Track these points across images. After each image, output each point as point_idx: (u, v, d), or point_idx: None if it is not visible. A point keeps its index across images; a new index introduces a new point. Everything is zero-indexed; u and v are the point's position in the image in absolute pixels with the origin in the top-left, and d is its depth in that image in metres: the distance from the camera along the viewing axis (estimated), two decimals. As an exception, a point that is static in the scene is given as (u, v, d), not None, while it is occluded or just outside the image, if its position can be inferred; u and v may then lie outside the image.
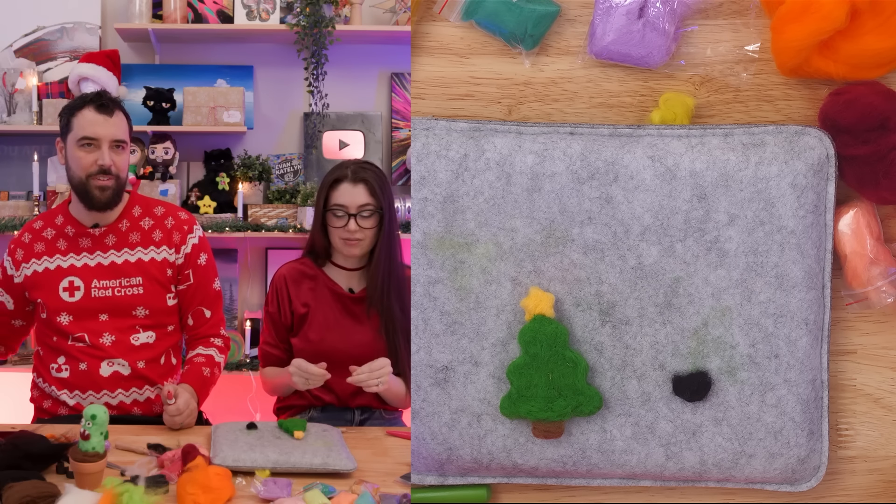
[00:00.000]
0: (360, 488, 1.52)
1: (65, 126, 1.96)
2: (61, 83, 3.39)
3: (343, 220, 1.98)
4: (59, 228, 2.00)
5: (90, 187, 1.92)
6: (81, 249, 1.99)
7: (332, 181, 2.01)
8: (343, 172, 2.00)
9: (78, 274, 1.98)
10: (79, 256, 1.99)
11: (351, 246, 2.01)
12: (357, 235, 1.99)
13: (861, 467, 1.22)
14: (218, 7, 3.40)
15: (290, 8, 3.34)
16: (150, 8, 3.35)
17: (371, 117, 3.54)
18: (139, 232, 2.02)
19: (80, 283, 1.97)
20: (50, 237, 2.00)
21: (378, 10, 3.49)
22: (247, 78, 3.49)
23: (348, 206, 1.98)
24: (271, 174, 3.42)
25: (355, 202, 1.98)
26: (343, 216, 1.98)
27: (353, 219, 1.98)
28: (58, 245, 2.00)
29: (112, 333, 1.97)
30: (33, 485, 1.39)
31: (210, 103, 3.32)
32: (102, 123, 1.93)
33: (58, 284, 1.96)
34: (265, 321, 2.14)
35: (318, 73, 3.33)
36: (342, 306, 2.08)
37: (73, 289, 1.97)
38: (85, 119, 1.93)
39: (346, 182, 1.99)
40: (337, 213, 1.99)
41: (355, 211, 1.98)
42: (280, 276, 2.11)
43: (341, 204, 1.98)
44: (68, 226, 1.99)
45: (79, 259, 1.98)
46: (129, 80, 3.45)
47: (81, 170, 1.92)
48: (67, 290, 1.97)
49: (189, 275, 2.06)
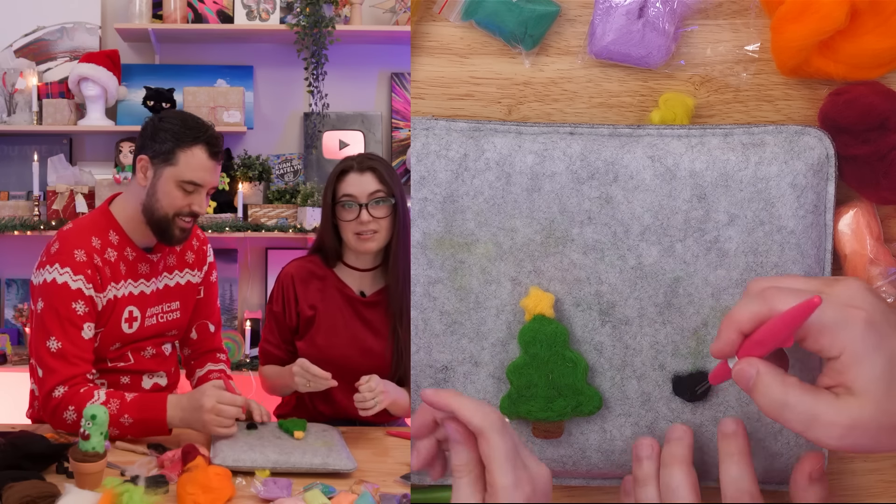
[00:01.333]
0: (360, 488, 1.53)
1: (165, 152, 1.78)
2: (61, 83, 3.40)
3: (354, 212, 1.88)
4: (118, 249, 1.83)
5: (173, 226, 1.80)
6: (139, 276, 1.86)
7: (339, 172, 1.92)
8: (349, 163, 1.93)
9: (136, 303, 1.85)
10: (136, 283, 1.85)
11: (365, 241, 1.90)
12: (371, 227, 1.89)
13: (861, 467, 1.22)
14: (218, 7, 3.40)
15: (290, 8, 3.34)
16: (150, 8, 3.35)
17: (371, 117, 3.54)
18: (175, 255, 1.96)
19: (138, 314, 1.86)
20: (113, 260, 1.82)
21: (378, 10, 3.50)
22: (247, 78, 3.49)
23: (358, 195, 1.88)
24: (271, 174, 3.43)
25: (365, 190, 1.88)
26: (354, 207, 1.88)
27: (365, 208, 1.89)
28: (120, 270, 1.83)
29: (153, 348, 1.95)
30: (33, 485, 1.40)
31: (210, 103, 3.32)
32: (212, 171, 1.80)
33: (121, 315, 1.83)
34: (268, 320, 2.09)
35: (318, 73, 3.33)
36: (353, 310, 2.00)
37: (132, 319, 1.86)
38: (196, 160, 1.78)
39: (353, 172, 1.90)
40: (347, 204, 1.89)
41: (366, 200, 1.88)
42: (287, 275, 2.03)
43: (350, 194, 1.89)
44: (127, 248, 1.84)
45: (136, 286, 1.85)
46: (129, 80, 3.45)
47: (172, 208, 1.79)
48: (128, 322, 1.85)
49: (201, 290, 2.05)
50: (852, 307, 0.94)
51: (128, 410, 1.68)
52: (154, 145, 1.79)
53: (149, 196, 1.80)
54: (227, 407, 1.68)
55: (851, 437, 0.92)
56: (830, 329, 0.94)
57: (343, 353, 1.98)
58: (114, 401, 1.68)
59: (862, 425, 0.92)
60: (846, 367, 0.93)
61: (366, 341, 1.99)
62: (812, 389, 0.95)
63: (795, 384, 0.96)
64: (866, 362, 0.92)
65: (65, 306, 1.72)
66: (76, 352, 1.72)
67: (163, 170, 1.78)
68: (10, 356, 3.28)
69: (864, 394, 0.92)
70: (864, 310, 0.93)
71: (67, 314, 1.72)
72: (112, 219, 1.85)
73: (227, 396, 1.70)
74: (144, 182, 1.81)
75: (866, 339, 0.92)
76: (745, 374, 0.97)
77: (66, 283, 1.73)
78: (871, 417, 0.92)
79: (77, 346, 1.73)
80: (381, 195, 1.89)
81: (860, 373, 0.92)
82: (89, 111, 3.31)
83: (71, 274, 1.74)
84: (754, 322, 0.97)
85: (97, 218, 1.87)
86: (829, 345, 0.94)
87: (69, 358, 1.71)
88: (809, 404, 0.94)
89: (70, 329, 1.72)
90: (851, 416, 0.92)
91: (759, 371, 0.96)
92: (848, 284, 0.97)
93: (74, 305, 1.73)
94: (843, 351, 0.93)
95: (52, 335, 1.71)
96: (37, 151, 3.34)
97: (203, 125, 1.81)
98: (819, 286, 0.98)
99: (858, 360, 0.93)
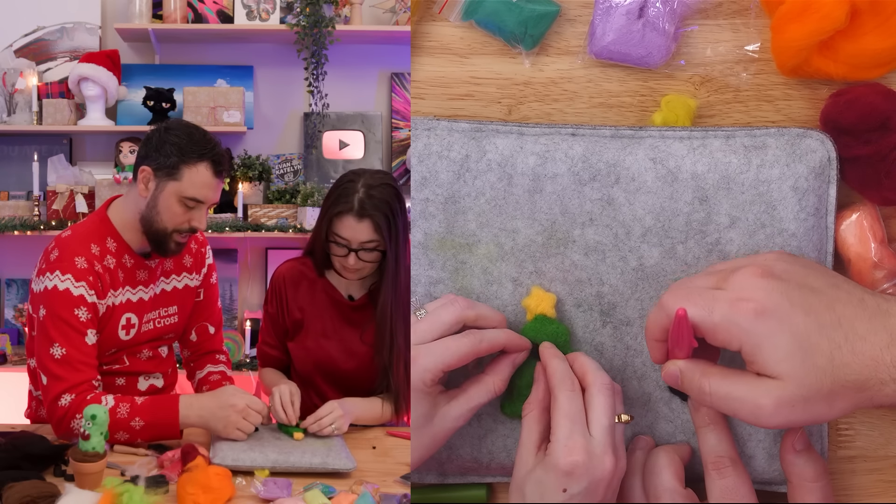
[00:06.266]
0: (360, 488, 1.52)
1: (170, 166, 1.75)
2: (61, 83, 3.40)
3: (343, 251, 1.84)
4: (116, 256, 1.81)
5: (170, 240, 1.78)
6: (138, 283, 1.84)
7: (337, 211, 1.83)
8: (349, 205, 1.82)
9: (134, 310, 1.84)
10: (135, 290, 1.83)
11: (350, 273, 1.88)
12: (356, 267, 1.87)
13: (861, 467, 1.22)
14: (218, 7, 3.40)
15: (290, 8, 3.34)
16: (150, 8, 3.35)
17: (371, 117, 3.54)
18: (173, 259, 1.93)
19: (135, 321, 1.84)
20: (112, 267, 1.80)
21: (378, 10, 3.49)
22: (247, 78, 3.49)
23: (350, 240, 1.83)
24: (271, 174, 3.42)
25: (357, 238, 1.82)
26: (343, 248, 1.84)
27: (354, 254, 1.84)
28: (119, 277, 1.81)
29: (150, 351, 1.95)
30: (33, 485, 1.39)
31: (210, 103, 3.32)
32: (215, 188, 1.78)
33: (118, 322, 1.81)
34: (265, 320, 2.09)
35: (318, 73, 3.33)
36: (340, 313, 2.00)
37: (129, 326, 1.84)
38: (200, 177, 1.75)
39: (350, 216, 1.82)
40: (339, 242, 1.85)
41: (357, 247, 1.83)
42: (279, 276, 2.04)
43: (344, 237, 1.83)
44: (125, 255, 1.82)
45: (135, 293, 1.83)
46: (129, 80, 3.45)
47: (172, 223, 1.77)
48: (125, 328, 1.83)
49: (200, 293, 2.04)
50: (742, 300, 0.98)
51: (139, 413, 1.66)
52: (158, 157, 1.76)
53: (149, 208, 1.78)
54: (255, 412, 1.69)
55: (781, 415, 0.96)
56: (722, 326, 0.98)
57: (331, 355, 1.97)
58: (123, 405, 1.67)
59: (788, 402, 0.96)
60: (752, 357, 0.97)
61: (352, 344, 1.98)
62: (732, 375, 1.00)
63: (716, 373, 1.01)
64: (767, 348, 0.96)
65: (67, 312, 1.71)
66: (81, 357, 1.71)
67: (165, 184, 1.76)
68: (10, 356, 3.28)
69: (780, 375, 0.96)
70: (753, 300, 0.97)
71: (70, 320, 1.71)
72: (110, 225, 1.83)
73: (256, 402, 1.71)
74: (145, 193, 1.78)
75: (759, 328, 0.96)
76: (671, 375, 1.05)
77: (67, 289, 1.71)
78: (794, 394, 0.95)
79: (81, 352, 1.72)
80: (373, 244, 1.85)
81: (766, 358, 0.96)
82: (89, 111, 3.31)
83: (73, 280, 1.72)
84: (659, 328, 1.04)
85: (95, 224, 1.84)
86: (727, 340, 0.99)
87: (74, 364, 1.70)
88: (727, 390, 0.99)
89: (73, 335, 1.71)
90: (774, 396, 0.96)
91: (681, 369, 1.04)
92: (741, 274, 1.00)
93: (77, 312, 1.72)
94: (741, 343, 0.98)
95: (56, 342, 1.70)
96: (37, 151, 3.33)
97: (209, 141, 1.78)
98: (717, 281, 1.02)
99: (759, 348, 0.97)
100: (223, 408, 1.68)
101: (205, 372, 2.03)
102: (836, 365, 0.95)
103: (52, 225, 3.18)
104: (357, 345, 1.98)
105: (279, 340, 2.04)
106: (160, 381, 1.96)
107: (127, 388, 1.89)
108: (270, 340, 2.05)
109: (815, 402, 0.95)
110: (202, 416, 1.69)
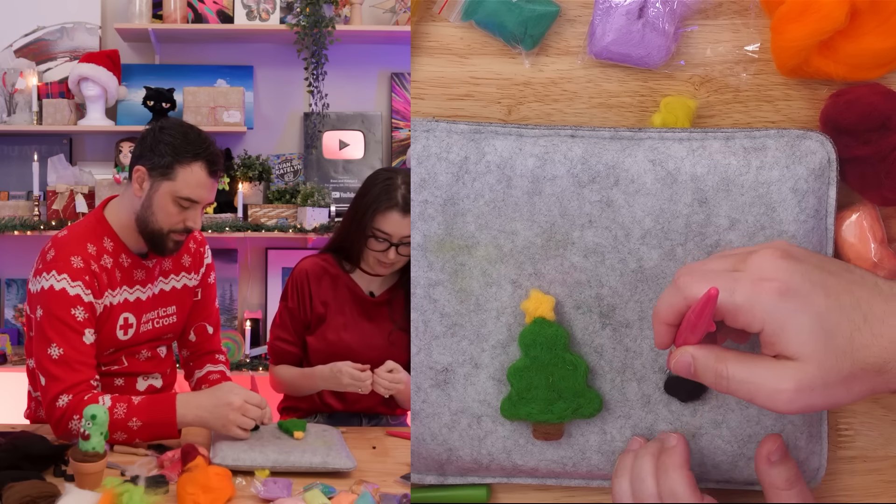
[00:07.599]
0: (360, 488, 1.52)
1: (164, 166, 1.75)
2: (61, 83, 3.40)
3: (384, 246, 1.91)
4: (113, 256, 1.81)
5: (167, 240, 1.78)
6: (135, 282, 1.84)
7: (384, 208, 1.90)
8: (394, 200, 1.89)
9: (132, 310, 1.84)
10: (132, 290, 1.83)
11: (384, 268, 1.97)
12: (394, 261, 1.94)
13: (861, 467, 1.22)
14: (218, 7, 3.40)
15: (290, 8, 3.34)
16: (150, 8, 3.35)
17: (371, 117, 3.54)
18: (171, 259, 1.94)
19: (133, 321, 1.84)
20: (109, 266, 1.80)
21: (378, 10, 3.49)
22: (247, 78, 3.49)
23: (393, 235, 1.90)
24: (271, 174, 3.42)
25: (400, 233, 1.90)
26: (384, 243, 1.92)
27: (395, 248, 1.93)
28: (116, 277, 1.81)
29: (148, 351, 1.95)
30: (33, 485, 1.40)
31: (210, 103, 3.32)
32: (210, 188, 1.77)
33: (116, 322, 1.81)
34: (282, 316, 2.10)
35: (318, 73, 3.33)
36: (361, 309, 2.06)
37: (128, 326, 1.84)
38: (195, 177, 1.74)
39: (395, 211, 1.89)
40: (379, 238, 1.92)
41: (398, 241, 1.93)
42: (302, 271, 2.07)
43: (387, 232, 1.90)
44: (122, 254, 1.82)
45: (132, 293, 1.83)
46: (129, 80, 3.45)
47: (167, 224, 1.77)
48: (123, 328, 1.83)
49: (198, 292, 2.04)
50: (764, 280, 0.96)
51: (136, 414, 1.66)
52: (153, 157, 1.76)
53: (144, 208, 1.78)
54: (254, 407, 1.69)
55: (801, 399, 0.94)
56: (744, 307, 0.96)
57: (351, 347, 2.02)
58: (121, 405, 1.67)
59: (808, 386, 0.93)
60: (773, 338, 0.95)
61: (372, 338, 2.04)
62: (751, 359, 0.98)
63: (732, 357, 0.99)
64: (790, 329, 0.94)
65: (64, 312, 1.71)
66: (79, 357, 1.71)
67: (160, 184, 1.76)
68: (10, 356, 3.28)
69: (801, 357, 0.94)
70: (776, 280, 0.95)
71: (67, 320, 1.71)
72: (107, 225, 1.83)
73: (254, 396, 1.70)
74: (140, 193, 1.78)
75: (782, 308, 0.94)
76: (683, 364, 1.01)
77: (63, 289, 1.71)
78: (815, 377, 0.93)
79: (79, 352, 1.72)
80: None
81: (788, 340, 0.94)
82: (89, 111, 3.31)
83: (69, 280, 1.72)
84: (673, 312, 1.01)
85: (92, 224, 1.84)
86: (749, 322, 0.96)
87: (72, 364, 1.70)
88: (745, 374, 0.97)
89: (71, 335, 1.71)
90: (795, 379, 0.94)
91: (694, 356, 1.00)
92: (761, 255, 0.98)
93: (74, 311, 1.72)
94: (763, 324, 0.95)
95: (53, 342, 1.70)
96: (37, 151, 3.33)
97: (204, 140, 1.77)
98: (735, 263, 1.00)
99: (781, 329, 0.94)
100: (221, 405, 1.68)
101: (204, 371, 2.04)
102: (856, 347, 0.93)
103: (52, 225, 3.18)
104: (376, 338, 2.03)
105: (297, 336, 2.07)
106: (159, 382, 1.96)
107: (126, 388, 1.89)
108: (286, 336, 2.07)
109: (834, 385, 0.93)
110: (199, 415, 1.69)
